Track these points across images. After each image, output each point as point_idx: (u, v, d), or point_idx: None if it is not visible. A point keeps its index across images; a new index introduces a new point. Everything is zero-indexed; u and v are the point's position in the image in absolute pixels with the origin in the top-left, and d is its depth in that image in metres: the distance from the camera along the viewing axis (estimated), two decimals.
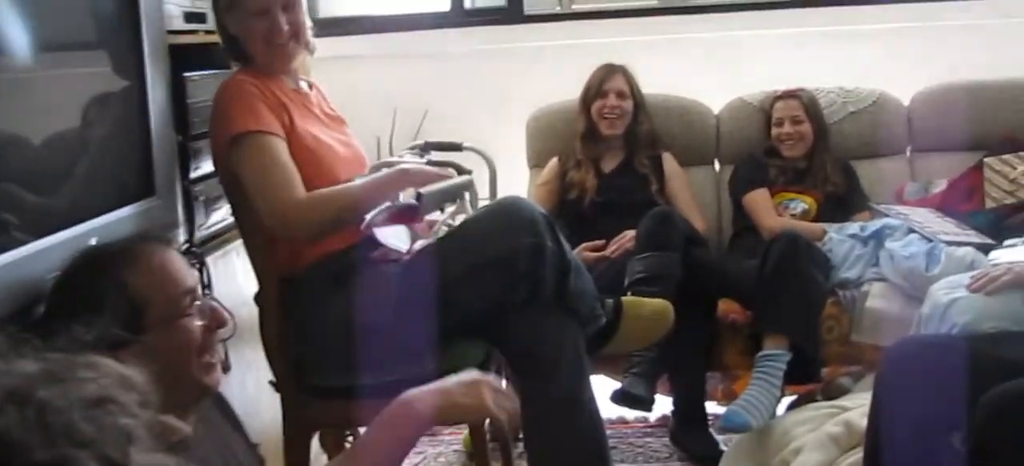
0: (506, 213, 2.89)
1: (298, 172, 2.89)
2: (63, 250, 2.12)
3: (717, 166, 4.82)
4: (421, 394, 1.82)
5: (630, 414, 4.15)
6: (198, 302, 1.92)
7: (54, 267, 2.08)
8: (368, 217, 2.78)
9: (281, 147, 2.89)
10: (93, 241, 2.11)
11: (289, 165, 2.88)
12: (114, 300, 1.81)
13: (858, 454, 3.03)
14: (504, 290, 2.83)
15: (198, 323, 1.90)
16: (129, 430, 1.00)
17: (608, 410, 3.74)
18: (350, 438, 3.59)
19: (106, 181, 2.50)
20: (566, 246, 2.95)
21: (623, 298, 3.23)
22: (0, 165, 2.07)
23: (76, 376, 1.03)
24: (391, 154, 4.85)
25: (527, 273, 2.82)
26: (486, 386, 1.87)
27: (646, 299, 3.31)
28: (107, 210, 2.41)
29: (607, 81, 4.45)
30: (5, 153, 2.10)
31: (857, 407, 3.34)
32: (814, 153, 4.44)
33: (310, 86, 3.26)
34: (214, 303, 1.96)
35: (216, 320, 1.94)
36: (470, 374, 1.89)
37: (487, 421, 3.14)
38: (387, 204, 2.83)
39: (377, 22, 5.36)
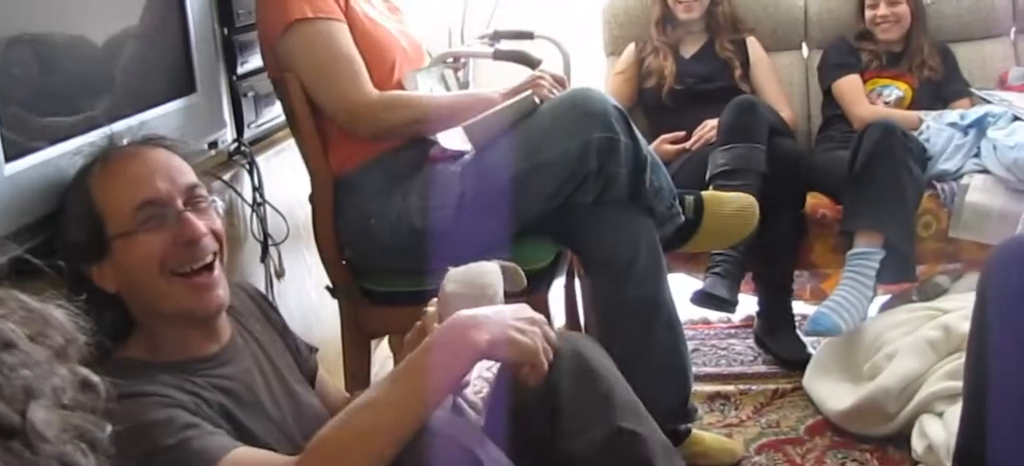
0: (575, 106, 2.70)
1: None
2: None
3: (805, 51, 4.58)
4: (479, 321, 1.65)
5: (713, 315, 4.01)
6: (160, 212, 1.76)
7: None
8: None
9: (344, 33, 2.76)
10: (126, 140, 1.95)
11: (355, 56, 2.75)
12: (78, 210, 1.77)
13: (957, 360, 2.86)
14: (575, 188, 2.67)
15: (159, 238, 1.75)
16: (28, 383, 0.89)
17: (689, 311, 3.61)
18: None
19: (143, 78, 2.35)
20: (641, 140, 2.75)
21: (704, 193, 3.03)
22: (25, 65, 1.93)
23: None
24: (462, 43, 4.69)
25: (599, 169, 2.65)
26: (542, 329, 1.70)
27: (729, 194, 3.11)
28: (144, 108, 2.26)
29: None
30: (32, 51, 1.95)
31: (956, 309, 3.18)
32: (910, 36, 4.18)
33: None
34: (188, 215, 1.78)
35: (186, 233, 1.77)
36: (527, 311, 1.72)
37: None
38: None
39: None
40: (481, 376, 3.06)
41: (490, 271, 1.88)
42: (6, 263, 1.48)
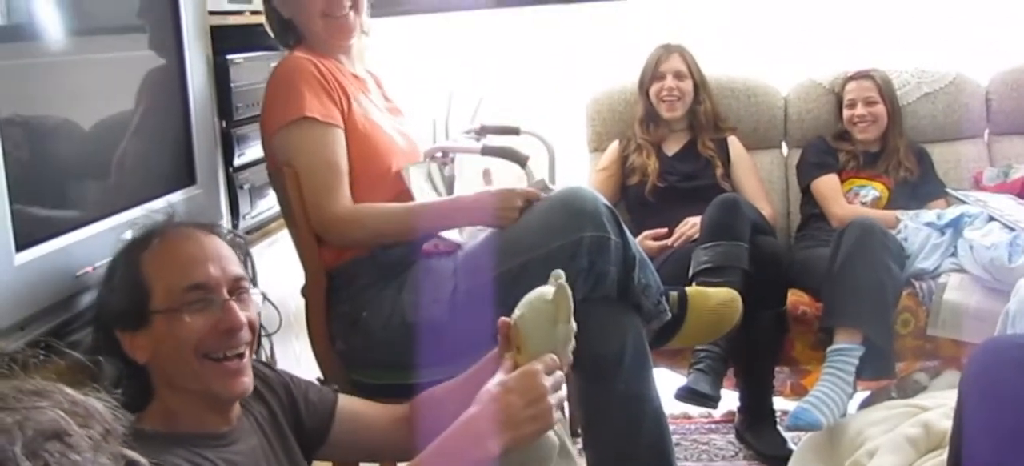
0: (568, 204, 2.75)
1: (350, 166, 2.82)
2: (98, 242, 2.04)
3: (785, 150, 4.66)
4: (490, 426, 1.70)
5: (694, 410, 4.04)
6: (207, 299, 1.82)
7: (89, 259, 2.01)
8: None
9: (338, 141, 2.82)
10: (128, 234, 2.00)
11: (341, 166, 2.81)
12: (126, 279, 1.80)
13: (938, 457, 2.89)
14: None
15: (202, 321, 1.81)
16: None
17: (670, 405, 3.62)
18: None
19: (145, 170, 2.41)
20: (631, 238, 2.81)
21: (688, 289, 3.08)
22: (31, 153, 1.98)
23: (25, 405, 0.92)
24: (446, 138, 4.75)
25: (589, 267, 2.68)
26: (550, 399, 1.74)
27: (712, 290, 3.15)
28: (145, 200, 2.30)
29: (664, 62, 4.31)
30: (37, 140, 2.00)
31: (936, 407, 3.19)
32: (887, 137, 4.27)
33: (370, 75, 3.14)
34: (232, 304, 1.84)
35: (226, 322, 1.83)
36: (534, 388, 1.74)
37: None
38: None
39: (433, 2, 5.21)
40: None
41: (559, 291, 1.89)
42: (23, 345, 1.52)
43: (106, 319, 1.80)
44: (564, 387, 1.82)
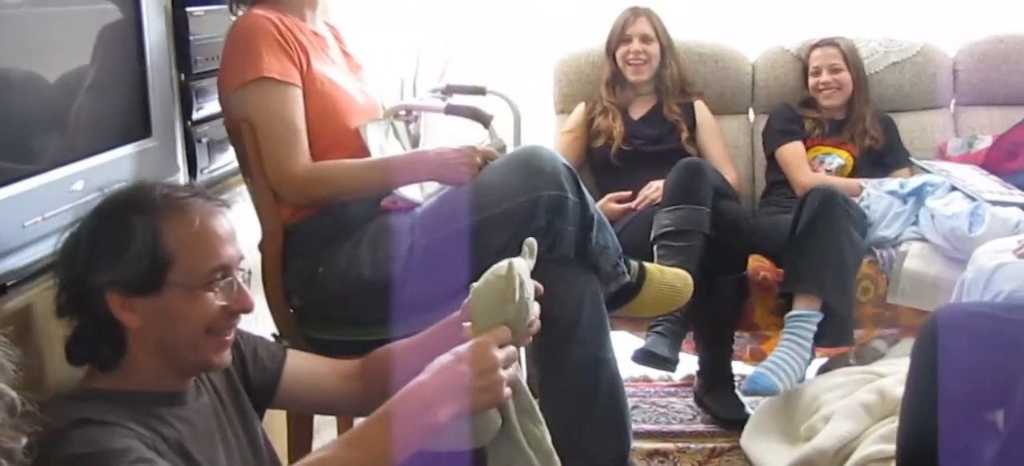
0: (526, 163, 2.74)
1: (308, 125, 2.80)
2: (47, 192, 2.03)
3: (752, 116, 4.66)
4: (439, 395, 1.69)
5: (654, 373, 4.06)
6: (228, 280, 1.82)
7: (38, 210, 1.99)
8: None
9: (296, 100, 2.79)
10: (79, 183, 1.98)
11: (299, 126, 2.79)
12: (142, 244, 1.75)
13: (891, 423, 2.92)
14: (521, 244, 2.69)
15: (219, 302, 1.81)
16: None
17: (630, 368, 3.65)
18: None
19: (98, 121, 2.36)
20: (589, 199, 2.80)
21: (648, 264, 3.07)
22: None
23: None
24: (414, 96, 4.73)
25: (547, 226, 2.68)
26: (501, 372, 1.74)
27: (668, 268, 3.15)
28: (97, 151, 2.28)
29: (631, 25, 4.31)
30: None
31: (892, 374, 3.23)
32: (853, 104, 4.28)
33: (330, 29, 3.11)
34: (244, 287, 1.86)
35: (240, 305, 1.85)
36: (485, 360, 1.73)
37: None
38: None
39: None
40: None
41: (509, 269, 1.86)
42: None
43: (97, 277, 1.76)
44: (518, 363, 1.81)
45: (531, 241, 1.94)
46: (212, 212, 1.85)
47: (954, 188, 3.78)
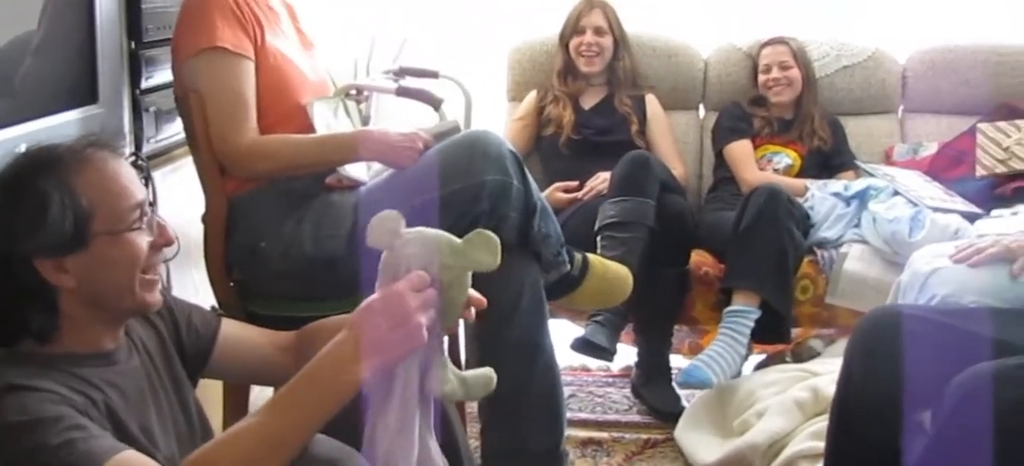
0: (472, 147, 2.75)
1: (258, 99, 2.81)
2: None
3: (702, 112, 4.69)
4: (355, 351, 1.68)
5: (593, 362, 4.07)
6: (146, 217, 1.84)
7: None
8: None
9: (248, 73, 2.80)
10: (22, 147, 1.97)
11: (249, 99, 2.79)
12: (59, 207, 1.73)
13: (822, 421, 2.93)
14: (466, 227, 2.70)
15: (145, 238, 1.83)
16: None
17: (569, 357, 3.68)
18: None
19: (43, 85, 2.36)
20: (533, 186, 2.83)
21: (590, 256, 3.09)
22: None
23: None
24: (367, 75, 4.72)
25: (491, 211, 2.70)
26: (419, 318, 1.71)
27: (612, 263, 3.18)
28: (41, 115, 2.27)
29: (585, 17, 4.32)
30: None
31: (826, 373, 3.25)
32: (801, 103, 4.32)
33: (285, 5, 3.12)
34: (161, 221, 1.88)
35: (163, 238, 1.87)
36: (398, 307, 1.70)
37: None
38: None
39: None
40: None
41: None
42: None
43: (21, 247, 1.73)
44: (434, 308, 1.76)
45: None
46: (112, 156, 1.85)
47: (897, 193, 3.81)
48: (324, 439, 1.75)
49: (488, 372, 1.91)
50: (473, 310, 1.89)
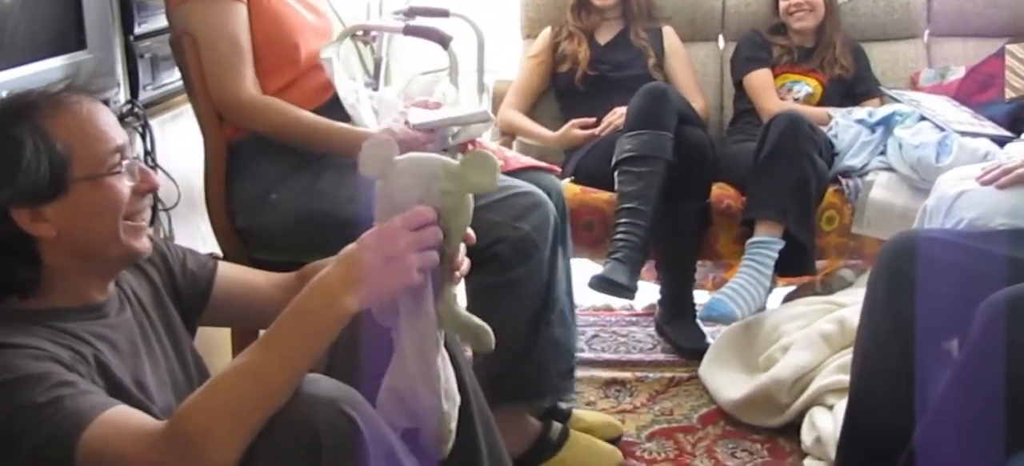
0: (530, 198, 2.73)
1: (255, 45, 2.73)
2: None
3: (721, 43, 4.58)
4: (343, 285, 1.62)
5: (617, 302, 4.01)
6: (127, 161, 1.78)
7: None
8: None
9: (242, 18, 2.72)
10: (3, 94, 1.90)
11: (245, 47, 2.72)
12: (35, 151, 1.67)
13: (849, 354, 2.86)
14: (483, 248, 2.66)
15: (127, 183, 1.77)
16: None
17: (592, 298, 3.61)
18: None
19: (27, 30, 2.30)
20: (562, 280, 2.88)
21: (573, 431, 3.01)
22: None
23: None
24: (380, 16, 4.65)
25: (514, 263, 2.68)
26: (411, 258, 1.64)
27: (598, 442, 3.05)
28: (25, 60, 2.21)
29: None
30: None
31: (853, 304, 3.18)
32: (823, 30, 4.20)
33: None
34: (144, 166, 1.83)
35: (146, 183, 1.82)
36: (390, 243, 1.63)
37: None
38: None
39: None
40: None
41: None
42: None
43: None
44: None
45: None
46: (89, 100, 1.79)
47: (923, 118, 3.71)
48: (322, 378, 1.68)
49: (485, 326, 1.83)
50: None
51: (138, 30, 2.86)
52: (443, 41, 3.39)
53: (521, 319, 2.73)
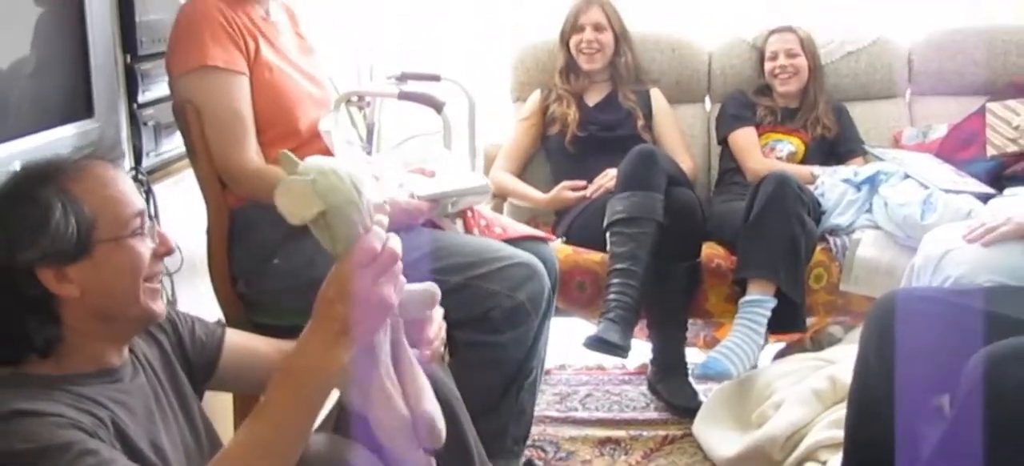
0: (528, 267, 2.83)
1: (256, 115, 2.79)
2: None
3: (708, 104, 4.65)
4: (326, 339, 1.64)
5: (608, 361, 4.04)
6: (147, 224, 1.84)
7: None
8: None
9: (243, 90, 2.78)
10: (16, 164, 1.95)
11: (247, 116, 2.78)
12: (61, 214, 1.71)
13: (841, 410, 2.90)
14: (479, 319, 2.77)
15: (148, 246, 1.82)
16: None
17: (585, 357, 3.64)
18: None
19: (38, 100, 2.34)
20: (541, 353, 2.98)
21: None
22: None
23: None
24: (371, 80, 4.71)
25: (499, 325, 2.77)
26: (379, 290, 1.63)
27: None
28: (36, 130, 2.26)
29: (583, 14, 4.29)
30: None
31: (843, 360, 3.22)
32: (807, 92, 4.28)
33: (285, 11, 3.09)
34: (161, 230, 1.88)
35: (164, 246, 1.87)
36: (352, 288, 1.63)
37: None
38: None
39: None
40: None
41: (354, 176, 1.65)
42: None
43: (24, 257, 1.72)
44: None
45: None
46: (111, 166, 1.85)
47: (908, 176, 3.77)
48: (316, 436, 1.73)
49: (429, 287, 1.86)
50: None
51: (141, 98, 2.91)
52: (437, 106, 3.45)
53: (495, 381, 2.81)
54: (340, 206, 1.61)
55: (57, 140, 2.31)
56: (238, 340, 2.16)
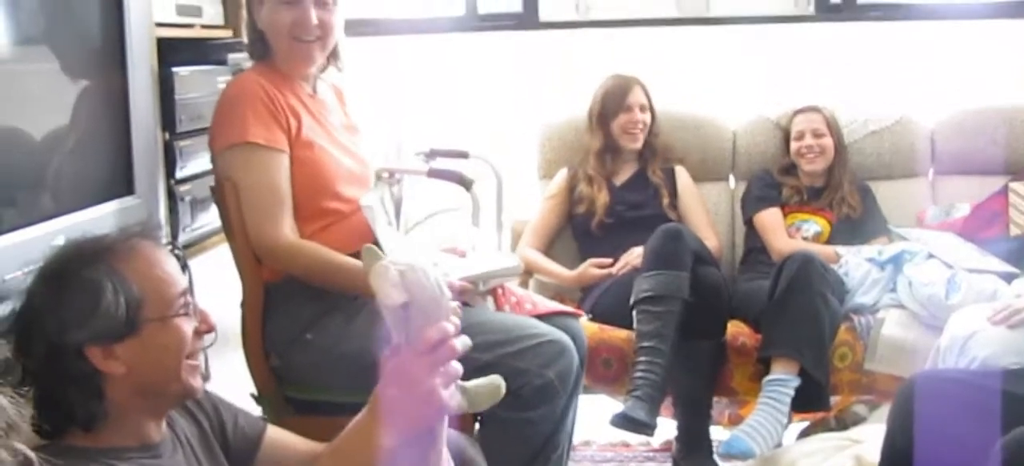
0: (557, 346, 2.85)
1: (295, 191, 2.83)
2: (28, 247, 2.04)
3: (732, 182, 4.68)
4: (376, 427, 1.74)
5: (633, 438, 4.04)
6: (191, 303, 1.89)
7: (18, 264, 2.00)
8: None
9: (282, 166, 2.82)
10: (60, 239, 1.99)
11: (284, 193, 2.82)
12: (111, 295, 1.76)
13: None
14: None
15: (190, 324, 1.87)
16: None
17: (609, 433, 3.65)
18: None
19: (81, 177, 2.39)
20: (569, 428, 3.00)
21: None
22: None
23: None
24: (398, 156, 4.76)
25: (529, 401, 2.78)
26: (430, 382, 1.72)
27: None
28: (80, 207, 2.30)
29: (629, 94, 4.30)
30: None
31: (867, 440, 3.23)
32: (833, 172, 4.31)
33: (334, 90, 3.16)
34: (202, 308, 1.93)
35: (206, 324, 1.92)
36: (408, 376, 1.72)
37: None
38: None
39: (389, 25, 5.20)
40: None
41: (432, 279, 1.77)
42: None
43: (74, 337, 1.75)
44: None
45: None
46: (157, 246, 1.90)
47: (932, 256, 3.80)
48: None
49: (495, 380, 1.89)
50: None
51: (179, 174, 2.96)
52: (466, 184, 3.50)
53: (523, 457, 2.84)
54: (424, 303, 1.72)
55: (99, 217, 2.35)
56: (277, 436, 2.19)
